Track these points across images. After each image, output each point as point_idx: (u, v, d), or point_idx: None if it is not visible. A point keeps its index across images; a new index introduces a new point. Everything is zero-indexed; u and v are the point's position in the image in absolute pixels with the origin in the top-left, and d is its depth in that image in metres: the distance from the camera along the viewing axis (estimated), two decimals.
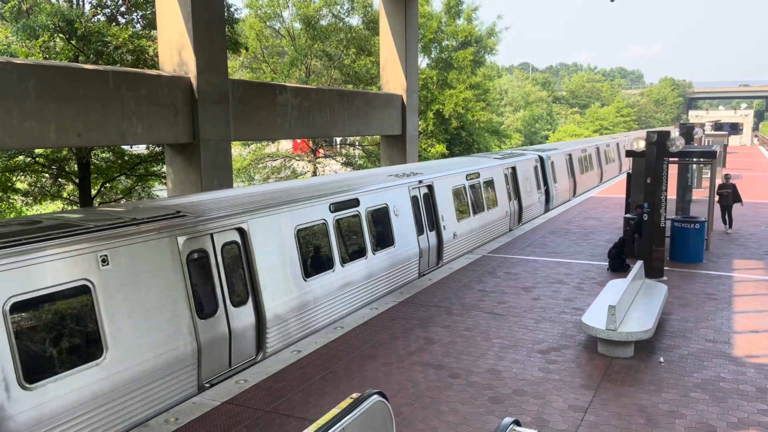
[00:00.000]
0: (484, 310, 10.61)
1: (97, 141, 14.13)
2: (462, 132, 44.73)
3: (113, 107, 14.03)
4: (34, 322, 6.34)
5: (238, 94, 17.63)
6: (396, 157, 26.95)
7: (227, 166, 17.00)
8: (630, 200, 15.88)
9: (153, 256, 7.59)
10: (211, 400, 7.39)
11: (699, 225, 13.79)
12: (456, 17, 44.30)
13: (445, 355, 8.68)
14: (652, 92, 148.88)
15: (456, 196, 15.43)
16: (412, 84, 26.87)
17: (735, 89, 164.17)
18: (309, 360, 8.56)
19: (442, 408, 7.11)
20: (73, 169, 21.72)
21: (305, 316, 9.85)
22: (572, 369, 8.17)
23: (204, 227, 8.38)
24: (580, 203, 23.54)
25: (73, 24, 18.21)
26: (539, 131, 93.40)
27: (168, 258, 7.77)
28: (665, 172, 12.25)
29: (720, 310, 10.55)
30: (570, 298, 11.27)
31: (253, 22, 37.53)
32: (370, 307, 10.90)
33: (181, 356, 7.68)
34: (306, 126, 20.75)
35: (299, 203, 10.24)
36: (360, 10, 38.15)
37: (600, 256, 14.46)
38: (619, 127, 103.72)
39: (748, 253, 14.75)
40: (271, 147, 41.63)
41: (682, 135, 24.08)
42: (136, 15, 21.69)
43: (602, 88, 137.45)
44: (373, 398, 4.89)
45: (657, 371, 8.10)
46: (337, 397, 7.33)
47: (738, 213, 20.43)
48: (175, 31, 15.90)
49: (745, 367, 8.20)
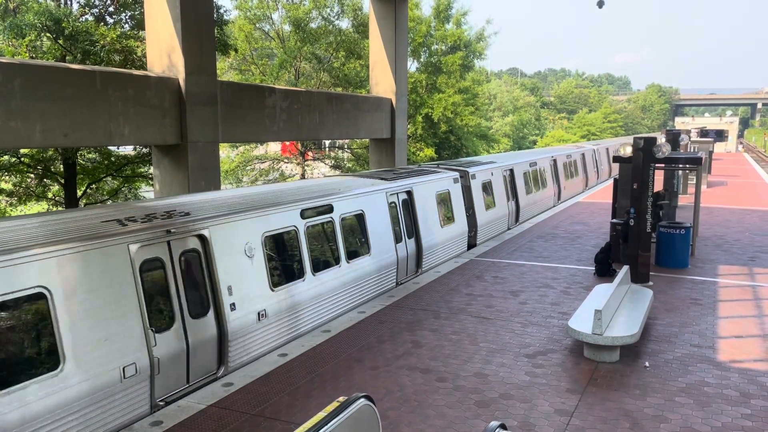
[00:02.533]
0: (471, 314, 10.63)
1: (84, 141, 14.02)
2: (451, 136, 44.86)
3: (100, 108, 13.93)
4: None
5: (226, 96, 17.57)
6: (385, 161, 26.96)
7: (215, 168, 16.92)
8: (616, 205, 16.00)
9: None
10: (197, 403, 7.34)
11: (684, 230, 13.91)
12: (445, 22, 44.44)
13: (432, 358, 8.68)
14: (638, 99, 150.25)
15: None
16: (401, 88, 26.91)
17: (721, 96, 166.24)
18: (295, 363, 8.53)
19: (428, 412, 7.11)
20: (58, 170, 21.54)
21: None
22: (558, 373, 8.21)
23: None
24: (566, 208, 23.65)
25: (61, 23, 18.08)
26: (527, 136, 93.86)
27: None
28: (651, 177, 12.35)
29: (705, 315, 10.64)
30: (557, 303, 11.32)
31: (243, 23, 37.43)
32: (358, 310, 10.88)
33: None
34: (295, 128, 20.72)
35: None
36: (350, 13, 38.19)
37: (587, 261, 14.54)
38: (607, 132, 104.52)
39: (733, 258, 14.90)
40: (260, 149, 41.51)
41: (669, 141, 24.31)
42: (124, 15, 21.57)
43: (590, 94, 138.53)
44: (359, 402, 4.87)
45: (642, 376, 8.15)
46: (324, 401, 7.31)
47: (723, 219, 20.63)
48: (163, 32, 15.82)
49: (729, 371, 8.27)
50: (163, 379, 7.67)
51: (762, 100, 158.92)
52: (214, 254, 8.57)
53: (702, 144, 35.77)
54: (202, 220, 8.58)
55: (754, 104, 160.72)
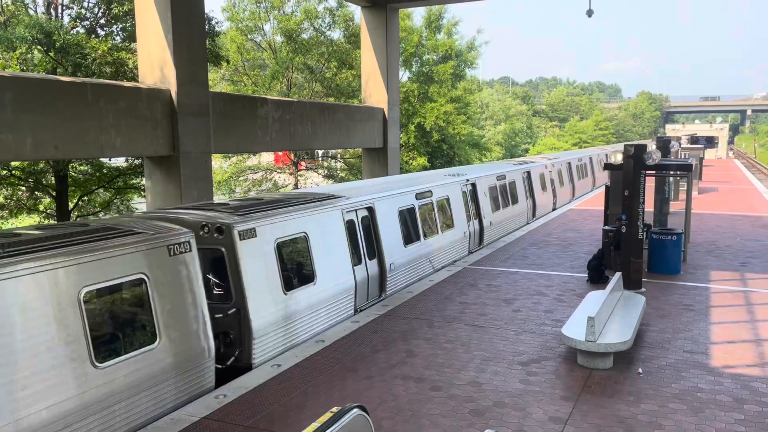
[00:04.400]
0: (465, 323, 10.62)
1: (75, 154, 14.00)
2: (443, 145, 45.01)
3: (91, 120, 13.92)
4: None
5: (218, 107, 17.59)
6: (378, 170, 27.02)
7: (207, 179, 16.92)
8: (608, 212, 16.06)
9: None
10: (190, 415, 7.29)
11: (676, 237, 13.98)
12: (436, 32, 44.71)
13: (426, 367, 8.67)
14: (629, 106, 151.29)
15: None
16: (393, 97, 27.01)
17: (711, 103, 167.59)
18: (289, 374, 8.50)
19: (423, 421, 7.09)
20: (50, 182, 21.46)
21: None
22: (552, 381, 8.21)
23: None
24: (559, 215, 23.71)
25: (52, 36, 18.09)
26: (519, 144, 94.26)
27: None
28: (642, 184, 12.42)
29: (697, 321, 10.68)
30: (550, 310, 11.33)
31: (235, 35, 37.53)
32: (352, 320, 10.86)
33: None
34: (287, 139, 20.75)
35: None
36: (341, 24, 38.37)
37: (580, 268, 14.58)
38: (598, 140, 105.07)
39: (725, 264, 14.97)
40: (253, 159, 41.51)
41: (659, 148, 24.47)
42: (115, 27, 21.60)
43: (581, 102, 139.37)
44: (353, 412, 4.85)
45: (636, 382, 8.16)
46: (318, 411, 7.28)
47: (714, 225, 20.75)
48: (155, 44, 15.84)
49: (722, 377, 8.29)
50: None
51: (752, 107, 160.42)
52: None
53: (692, 151, 35.99)
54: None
55: (744, 111, 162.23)
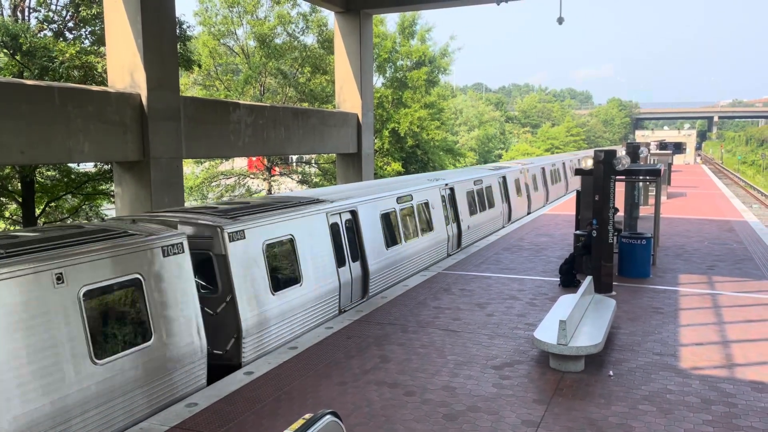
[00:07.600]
0: (439, 327, 10.63)
1: (42, 159, 13.70)
2: (417, 150, 45.17)
3: (58, 124, 13.64)
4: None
5: (190, 112, 17.39)
6: (352, 176, 26.97)
7: (179, 184, 16.70)
8: (579, 217, 16.25)
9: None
10: (160, 425, 7.16)
11: (646, 241, 14.19)
12: (410, 38, 44.91)
13: (400, 373, 8.65)
14: (600, 113, 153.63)
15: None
16: (367, 102, 27.01)
17: (679, 110, 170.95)
18: (262, 381, 8.40)
19: (396, 427, 7.06)
20: (16, 188, 20.98)
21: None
22: (525, 384, 8.25)
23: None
24: (532, 220, 23.93)
25: (18, 39, 17.72)
26: (493, 150, 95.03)
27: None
28: (612, 189, 12.59)
29: (666, 323, 10.84)
30: (523, 314, 11.40)
31: (207, 39, 37.20)
32: (326, 326, 10.79)
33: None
34: (260, 144, 20.59)
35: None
36: (315, 29, 38.28)
37: (552, 272, 14.71)
38: (570, 146, 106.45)
39: (693, 267, 15.24)
40: (226, 165, 41.12)
41: (629, 154, 24.84)
42: (84, 31, 21.24)
43: (553, 109, 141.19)
44: (326, 419, 4.81)
45: (607, 384, 8.24)
46: (291, 419, 7.21)
47: (683, 229, 21.13)
48: (125, 48, 15.61)
49: (690, 378, 8.42)
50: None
51: (718, 113, 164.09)
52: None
53: (661, 156, 36.61)
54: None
55: (711, 117, 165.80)
